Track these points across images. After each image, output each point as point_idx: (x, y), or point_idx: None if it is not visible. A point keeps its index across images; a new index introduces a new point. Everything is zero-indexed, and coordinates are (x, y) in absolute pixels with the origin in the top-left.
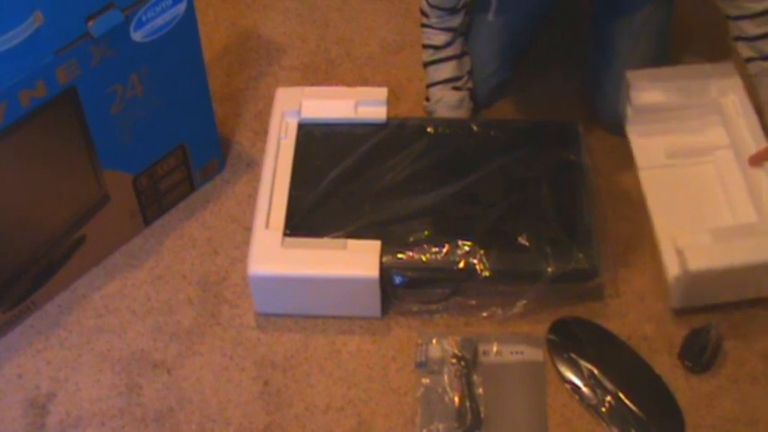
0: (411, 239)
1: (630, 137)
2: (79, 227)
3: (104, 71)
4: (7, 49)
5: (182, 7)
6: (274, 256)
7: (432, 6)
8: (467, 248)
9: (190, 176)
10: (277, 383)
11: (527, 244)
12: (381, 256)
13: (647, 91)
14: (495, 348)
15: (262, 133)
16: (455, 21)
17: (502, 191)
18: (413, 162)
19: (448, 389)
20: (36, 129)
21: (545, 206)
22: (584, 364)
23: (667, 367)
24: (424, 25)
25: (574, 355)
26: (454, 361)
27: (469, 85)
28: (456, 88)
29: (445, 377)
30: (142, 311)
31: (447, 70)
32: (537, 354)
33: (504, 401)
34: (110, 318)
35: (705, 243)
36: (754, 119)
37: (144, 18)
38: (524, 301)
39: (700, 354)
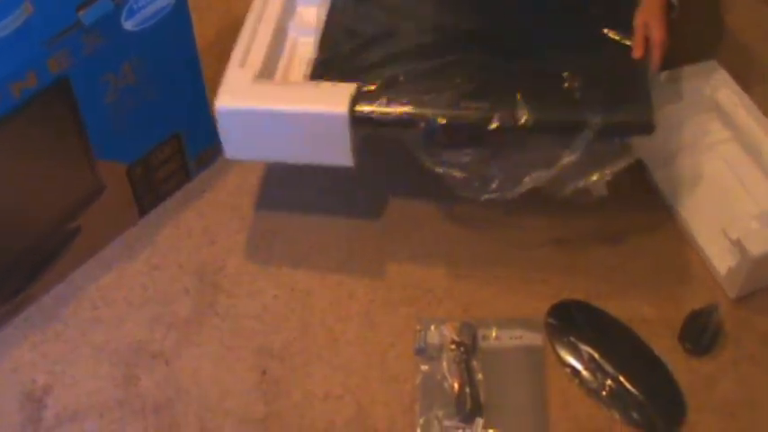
0: (438, 88)
1: (636, 145)
2: (74, 218)
3: (96, 61)
4: None
5: None
6: (244, 91)
7: None
8: (506, 97)
9: (185, 165)
10: (275, 373)
11: (574, 92)
12: (414, 107)
13: None
14: (494, 333)
15: None
16: None
17: (543, 40)
18: (432, 22)
19: (447, 375)
20: (28, 120)
21: (593, 53)
22: (584, 348)
23: (667, 350)
24: None
25: (573, 339)
26: (453, 347)
27: None
28: None
29: (444, 363)
30: (139, 302)
31: None
32: (536, 338)
33: (503, 387)
34: (106, 309)
35: (756, 228)
36: (753, 108)
37: (135, 6)
38: (570, 156)
39: (700, 336)
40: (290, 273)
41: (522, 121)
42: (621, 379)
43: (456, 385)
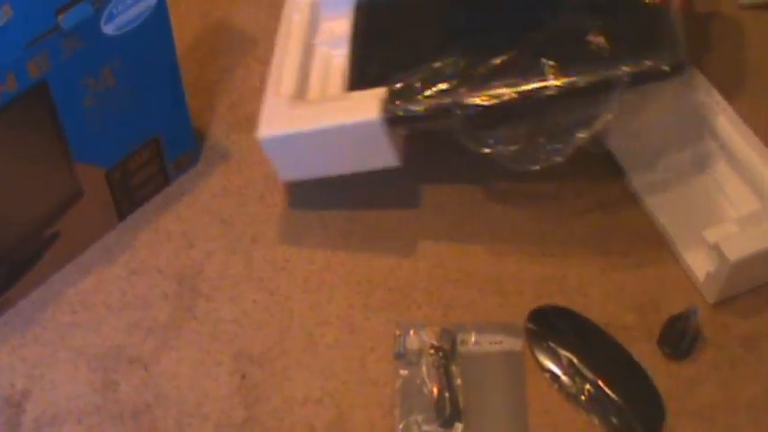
0: (466, 74)
1: (612, 146)
2: (53, 223)
3: (76, 65)
4: None
5: (153, 0)
6: (282, 118)
7: None
8: (536, 67)
9: (164, 169)
10: (254, 377)
11: (601, 48)
12: (448, 96)
13: None
14: (473, 338)
15: (236, 125)
16: None
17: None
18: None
19: (426, 380)
20: (7, 124)
21: (608, 7)
22: (563, 353)
23: (647, 354)
24: None
25: (552, 344)
26: (432, 352)
27: None
28: None
29: (423, 368)
30: (117, 307)
31: None
32: (516, 343)
33: (483, 391)
34: (85, 314)
35: (734, 232)
36: (732, 114)
37: (115, 11)
38: (609, 110)
39: (679, 340)
40: (270, 277)
41: (559, 87)
42: (600, 384)
43: (435, 390)
